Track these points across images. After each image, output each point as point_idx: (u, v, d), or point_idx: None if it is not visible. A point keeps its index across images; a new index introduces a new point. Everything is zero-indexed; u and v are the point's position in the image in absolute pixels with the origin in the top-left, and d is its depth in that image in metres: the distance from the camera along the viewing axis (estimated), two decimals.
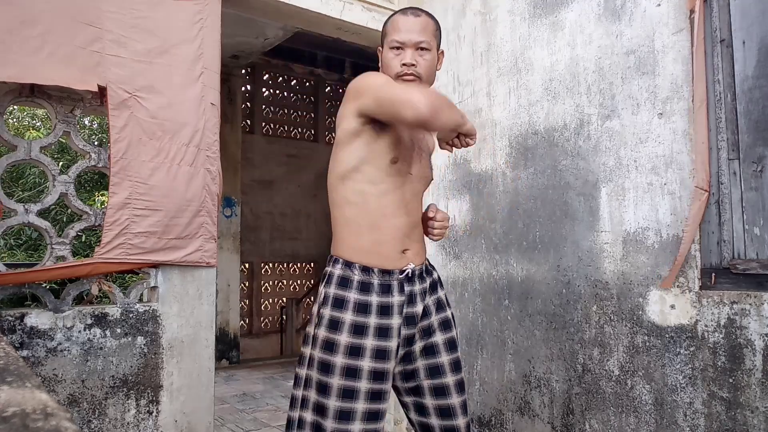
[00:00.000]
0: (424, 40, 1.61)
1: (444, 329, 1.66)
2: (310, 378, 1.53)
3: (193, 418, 2.49)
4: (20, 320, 2.11)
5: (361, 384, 1.49)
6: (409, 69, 1.59)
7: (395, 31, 1.62)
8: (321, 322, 1.54)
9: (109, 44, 2.28)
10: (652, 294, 2.16)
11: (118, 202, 2.27)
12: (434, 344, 1.64)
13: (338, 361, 1.49)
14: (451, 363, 1.65)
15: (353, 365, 1.49)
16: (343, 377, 1.49)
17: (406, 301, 1.58)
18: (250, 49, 5.92)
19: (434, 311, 1.65)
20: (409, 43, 1.60)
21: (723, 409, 1.93)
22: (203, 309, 2.55)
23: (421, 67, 1.61)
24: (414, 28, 1.61)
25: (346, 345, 1.50)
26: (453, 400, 1.61)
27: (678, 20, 2.13)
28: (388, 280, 1.56)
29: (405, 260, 1.60)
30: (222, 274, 5.98)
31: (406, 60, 1.59)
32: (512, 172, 2.74)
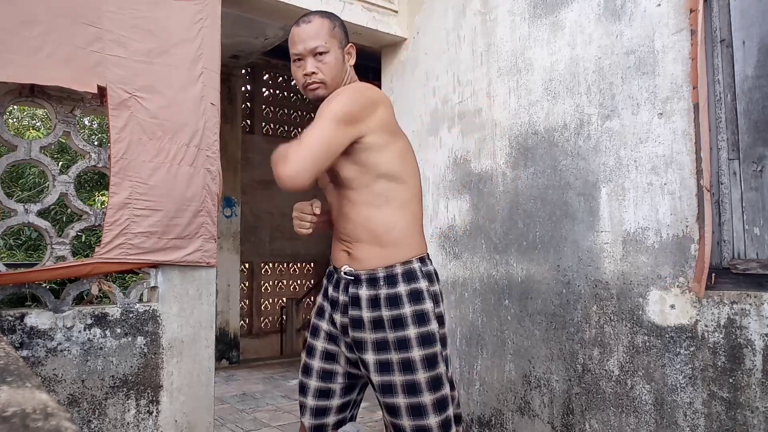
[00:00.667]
0: (318, 45, 1.60)
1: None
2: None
3: (193, 418, 2.49)
4: (20, 320, 2.11)
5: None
6: (311, 78, 1.60)
7: (291, 45, 1.63)
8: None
9: (109, 44, 2.28)
10: (652, 294, 2.16)
11: (118, 202, 2.27)
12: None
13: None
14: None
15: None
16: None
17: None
18: (250, 49, 5.92)
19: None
20: (305, 52, 1.60)
21: (723, 409, 1.93)
22: (203, 309, 2.55)
23: (324, 73, 1.61)
24: (306, 36, 1.61)
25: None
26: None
27: (678, 20, 2.13)
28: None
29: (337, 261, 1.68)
30: (222, 274, 5.98)
31: (306, 70, 1.60)
32: (512, 172, 2.74)
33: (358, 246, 1.60)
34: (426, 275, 1.58)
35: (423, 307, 1.54)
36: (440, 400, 1.51)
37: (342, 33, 1.66)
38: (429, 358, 1.51)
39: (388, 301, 1.53)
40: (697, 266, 2.02)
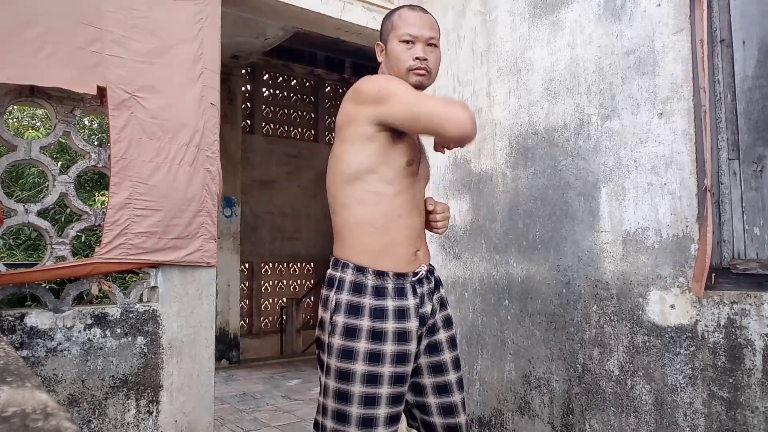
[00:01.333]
0: (434, 36, 1.61)
1: (446, 327, 1.67)
2: (328, 387, 1.51)
3: (193, 418, 2.49)
4: (20, 320, 2.11)
5: (383, 390, 1.47)
6: (422, 63, 1.58)
7: (407, 25, 1.60)
8: (335, 330, 1.50)
9: (109, 44, 2.28)
10: (652, 294, 2.16)
11: (119, 202, 2.27)
12: (438, 342, 1.64)
13: (358, 369, 1.46)
14: (453, 360, 1.66)
15: (374, 372, 1.47)
16: (364, 384, 1.46)
17: (419, 303, 1.57)
18: (250, 49, 5.92)
19: (438, 309, 1.65)
20: (421, 37, 1.59)
21: (723, 409, 1.93)
22: (203, 309, 2.55)
23: (431, 63, 1.60)
24: (426, 24, 1.61)
25: (365, 352, 1.47)
26: (455, 397, 1.62)
27: (678, 20, 2.13)
28: (402, 283, 1.54)
29: (417, 262, 1.60)
30: (222, 274, 5.98)
31: (419, 54, 1.58)
32: (512, 172, 2.74)
33: (425, 244, 1.67)
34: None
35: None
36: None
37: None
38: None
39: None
40: (696, 266, 2.01)
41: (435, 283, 1.66)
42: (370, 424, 1.45)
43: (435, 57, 1.62)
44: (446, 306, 1.70)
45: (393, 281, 1.52)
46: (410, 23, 1.60)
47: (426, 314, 1.59)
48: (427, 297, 1.60)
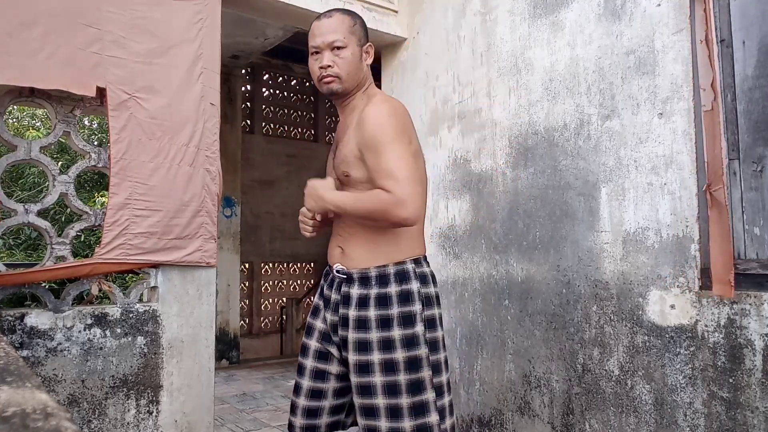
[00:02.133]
0: (336, 39, 1.60)
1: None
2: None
3: (193, 418, 2.49)
4: (20, 320, 2.11)
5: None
6: (327, 71, 1.60)
7: (311, 38, 1.64)
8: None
9: (109, 45, 2.28)
10: (652, 294, 2.16)
11: (119, 202, 2.27)
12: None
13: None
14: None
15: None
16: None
17: (333, 301, 1.69)
18: (250, 49, 5.92)
19: (341, 325, 1.75)
20: (323, 45, 1.61)
21: (723, 409, 1.93)
22: (203, 309, 2.55)
23: (339, 67, 1.61)
24: (325, 30, 1.61)
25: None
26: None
27: (678, 20, 2.12)
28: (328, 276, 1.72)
29: (336, 259, 1.69)
30: (222, 274, 5.98)
31: (322, 63, 1.60)
32: (512, 172, 2.74)
33: (352, 243, 1.61)
34: (419, 276, 1.58)
35: (411, 308, 1.54)
36: (418, 404, 1.51)
37: (362, 31, 1.68)
38: (411, 360, 1.52)
39: (377, 301, 1.54)
40: (718, 267, 1.97)
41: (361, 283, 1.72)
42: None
43: (343, 60, 1.61)
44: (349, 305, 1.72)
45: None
46: (313, 35, 1.64)
47: (331, 320, 1.72)
48: (335, 300, 1.70)
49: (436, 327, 1.60)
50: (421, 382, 1.52)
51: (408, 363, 1.51)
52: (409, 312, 1.54)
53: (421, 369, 1.52)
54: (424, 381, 1.52)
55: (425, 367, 1.53)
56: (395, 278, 1.56)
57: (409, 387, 1.50)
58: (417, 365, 1.52)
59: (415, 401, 1.50)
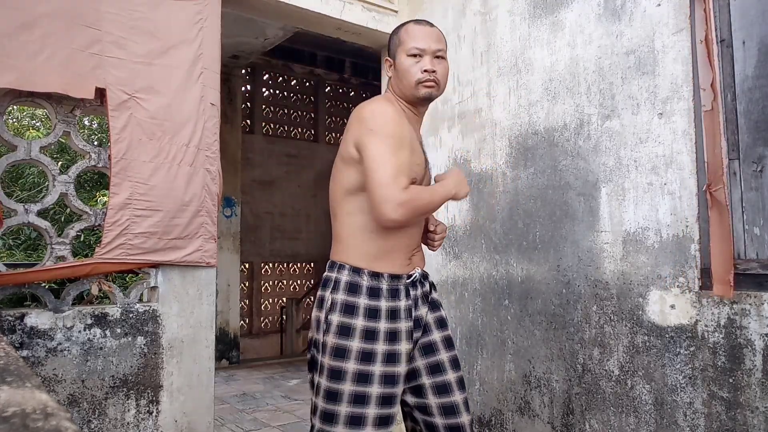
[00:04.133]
0: (441, 49, 1.64)
1: (440, 327, 1.69)
2: (319, 385, 1.54)
3: (193, 418, 2.49)
4: (20, 320, 2.11)
5: (373, 389, 1.49)
6: (431, 75, 1.61)
7: (413, 39, 1.63)
8: (329, 329, 1.53)
9: (109, 46, 2.28)
10: (652, 294, 2.16)
11: (119, 202, 2.27)
12: (432, 342, 1.65)
13: (350, 367, 1.49)
14: (451, 360, 1.67)
15: (365, 370, 1.50)
16: (355, 383, 1.49)
17: (413, 305, 1.60)
18: (250, 49, 5.92)
19: (430, 311, 1.68)
20: (428, 50, 1.62)
21: (723, 409, 1.93)
22: (203, 309, 2.55)
23: (440, 74, 1.63)
24: (432, 37, 1.64)
25: (357, 350, 1.50)
26: (456, 397, 1.63)
27: (678, 20, 2.12)
28: (397, 284, 1.58)
29: (412, 265, 1.64)
30: (222, 274, 5.98)
31: (427, 66, 1.61)
32: (512, 172, 2.74)
33: (419, 251, 1.72)
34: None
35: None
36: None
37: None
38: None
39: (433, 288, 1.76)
40: (718, 266, 1.97)
41: (429, 287, 1.70)
42: (359, 422, 1.48)
43: (443, 68, 1.65)
44: (439, 308, 1.72)
45: (387, 282, 1.56)
46: (417, 37, 1.63)
47: (420, 317, 1.62)
48: (421, 300, 1.64)
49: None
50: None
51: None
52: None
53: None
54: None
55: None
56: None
57: (456, 361, 1.71)
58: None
59: (461, 376, 1.70)
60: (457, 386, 1.64)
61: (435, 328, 1.66)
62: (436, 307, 1.70)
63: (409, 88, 1.63)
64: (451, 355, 1.67)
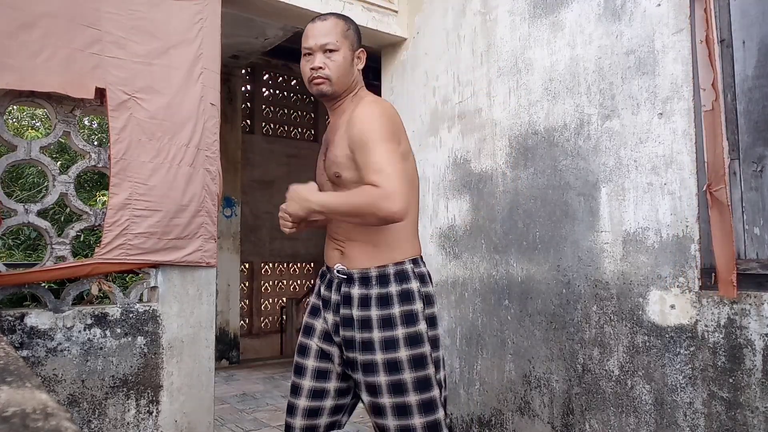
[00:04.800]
0: (328, 42, 1.64)
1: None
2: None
3: (193, 418, 2.49)
4: (20, 320, 2.11)
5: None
6: (317, 72, 1.63)
7: (304, 39, 1.67)
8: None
9: (109, 46, 2.28)
10: (652, 294, 2.16)
11: (119, 202, 2.27)
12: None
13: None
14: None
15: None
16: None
17: (334, 301, 1.68)
18: (250, 49, 5.92)
19: (342, 326, 1.75)
20: (315, 47, 1.64)
21: (723, 409, 1.93)
22: (203, 309, 2.55)
23: (330, 69, 1.64)
24: (318, 32, 1.65)
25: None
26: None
27: (678, 20, 2.12)
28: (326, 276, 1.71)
29: (336, 260, 1.69)
30: (222, 274, 5.98)
31: (313, 64, 1.64)
32: (512, 172, 2.74)
33: (351, 245, 1.63)
34: (418, 276, 1.60)
35: (412, 307, 1.56)
36: (426, 401, 1.52)
37: (355, 36, 1.71)
38: (416, 358, 1.53)
39: (379, 301, 1.55)
40: (720, 267, 1.97)
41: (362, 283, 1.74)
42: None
43: (334, 63, 1.64)
44: (350, 305, 1.72)
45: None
46: (306, 36, 1.67)
47: (334, 320, 1.71)
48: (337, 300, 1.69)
49: (436, 325, 1.63)
50: (428, 379, 1.54)
51: (413, 361, 1.52)
52: (410, 310, 1.55)
53: (426, 366, 1.54)
54: (430, 378, 1.54)
55: (430, 364, 1.55)
56: (395, 278, 1.57)
57: (416, 384, 1.52)
58: (423, 363, 1.53)
59: (424, 398, 1.52)
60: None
61: (341, 327, 1.67)
62: (357, 304, 1.63)
63: (308, 87, 1.69)
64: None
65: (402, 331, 1.53)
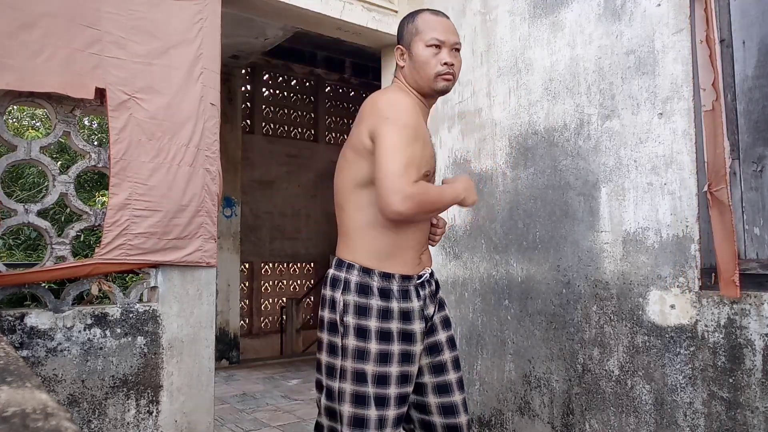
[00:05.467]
0: (459, 42, 1.63)
1: (445, 327, 1.68)
2: (344, 390, 1.50)
3: (193, 418, 2.49)
4: (20, 320, 2.11)
5: (391, 390, 1.49)
6: (450, 68, 1.59)
7: (433, 30, 1.59)
8: (348, 332, 1.51)
9: (108, 46, 2.28)
10: (652, 294, 2.16)
11: (118, 202, 2.27)
12: (438, 342, 1.65)
13: (370, 369, 1.48)
14: (453, 360, 1.67)
15: (384, 372, 1.49)
16: (376, 385, 1.48)
17: (423, 305, 1.59)
18: (250, 49, 5.92)
19: (437, 310, 1.67)
20: (447, 42, 1.59)
21: (723, 409, 1.93)
22: (203, 309, 2.54)
23: (457, 68, 1.63)
24: (450, 29, 1.62)
25: (376, 352, 1.49)
26: (455, 397, 1.63)
27: (678, 20, 2.12)
28: (407, 285, 1.56)
29: (422, 265, 1.62)
30: (222, 274, 5.98)
31: (446, 59, 1.58)
32: (512, 172, 2.74)
33: (428, 246, 1.71)
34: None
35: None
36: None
37: None
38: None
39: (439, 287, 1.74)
40: (722, 267, 1.96)
41: (436, 286, 1.69)
42: (384, 425, 1.47)
43: (459, 62, 1.64)
44: (444, 307, 1.71)
45: (398, 283, 1.54)
46: (436, 28, 1.60)
47: (429, 316, 1.62)
48: (429, 299, 1.63)
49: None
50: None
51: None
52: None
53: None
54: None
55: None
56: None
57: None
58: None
59: (461, 376, 1.70)
60: (457, 386, 1.64)
61: (441, 328, 1.66)
62: (441, 307, 1.69)
63: (426, 80, 1.60)
64: (453, 356, 1.67)
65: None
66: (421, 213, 1.48)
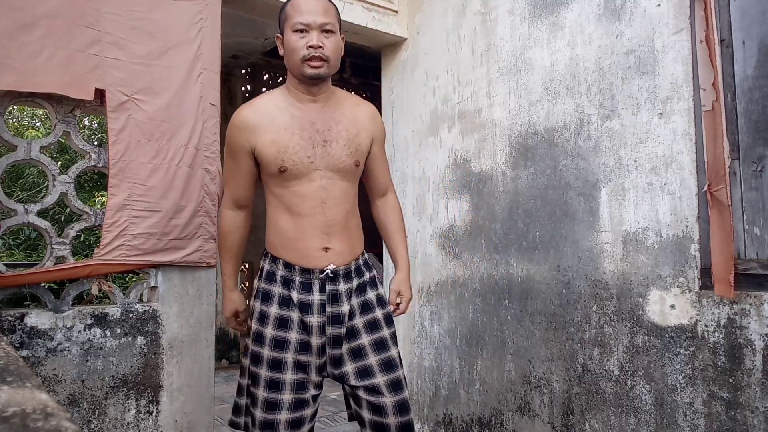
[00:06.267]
0: (329, 22, 1.56)
1: (370, 330, 1.65)
2: (244, 367, 1.70)
3: (193, 418, 2.49)
4: (20, 320, 2.11)
5: (287, 376, 1.58)
6: (317, 51, 1.54)
7: (298, 14, 1.55)
8: (252, 315, 1.66)
9: (108, 47, 2.28)
10: (652, 294, 2.16)
11: (117, 203, 2.27)
12: (360, 347, 1.63)
13: (265, 353, 1.60)
14: (381, 364, 1.63)
15: (278, 357, 1.58)
16: (270, 369, 1.59)
17: (329, 301, 1.60)
18: (250, 49, 5.92)
19: (358, 313, 1.65)
20: (314, 24, 1.54)
21: (723, 409, 1.93)
22: (203, 309, 2.54)
23: (328, 50, 1.56)
24: (318, 10, 1.56)
25: (271, 338, 1.59)
26: (377, 379, 1.61)
27: (678, 20, 2.12)
28: (309, 278, 1.60)
29: (326, 259, 1.61)
30: None
31: (312, 42, 1.53)
32: (512, 172, 2.74)
33: (346, 238, 1.77)
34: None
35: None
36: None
37: (341, 22, 1.68)
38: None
39: (372, 284, 1.76)
40: (718, 267, 1.96)
41: (360, 286, 1.67)
42: (274, 408, 1.58)
43: (331, 43, 1.56)
44: (372, 309, 1.67)
45: (300, 275, 1.62)
46: (302, 11, 1.55)
47: (341, 314, 1.62)
48: (345, 297, 1.62)
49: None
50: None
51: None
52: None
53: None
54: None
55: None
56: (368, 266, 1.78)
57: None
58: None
59: (394, 378, 1.73)
60: (378, 369, 1.61)
61: (364, 332, 1.65)
62: (367, 309, 1.66)
63: (296, 66, 1.57)
64: (381, 359, 1.63)
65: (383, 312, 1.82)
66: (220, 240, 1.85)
